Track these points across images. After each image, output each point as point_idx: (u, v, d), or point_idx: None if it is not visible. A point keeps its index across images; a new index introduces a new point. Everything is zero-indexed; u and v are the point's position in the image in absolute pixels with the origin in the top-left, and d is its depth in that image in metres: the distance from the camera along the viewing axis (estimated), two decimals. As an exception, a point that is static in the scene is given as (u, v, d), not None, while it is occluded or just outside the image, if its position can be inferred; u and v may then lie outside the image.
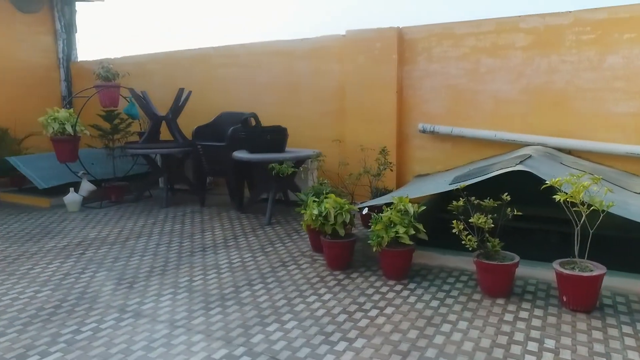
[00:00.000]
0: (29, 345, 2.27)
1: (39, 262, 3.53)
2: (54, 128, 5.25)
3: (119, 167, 6.05)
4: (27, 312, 2.65)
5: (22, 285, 3.08)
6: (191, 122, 5.71)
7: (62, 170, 5.66)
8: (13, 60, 7.43)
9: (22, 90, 7.48)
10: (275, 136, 4.82)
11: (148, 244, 3.99)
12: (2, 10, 7.25)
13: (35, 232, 4.41)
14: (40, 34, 7.83)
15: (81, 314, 2.63)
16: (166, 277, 3.20)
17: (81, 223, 4.77)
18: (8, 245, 3.98)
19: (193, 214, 5.16)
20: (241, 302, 2.75)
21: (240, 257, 3.60)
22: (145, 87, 6.02)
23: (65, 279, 3.19)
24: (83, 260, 3.57)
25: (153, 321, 2.51)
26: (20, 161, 5.86)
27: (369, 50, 5.11)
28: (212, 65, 6.46)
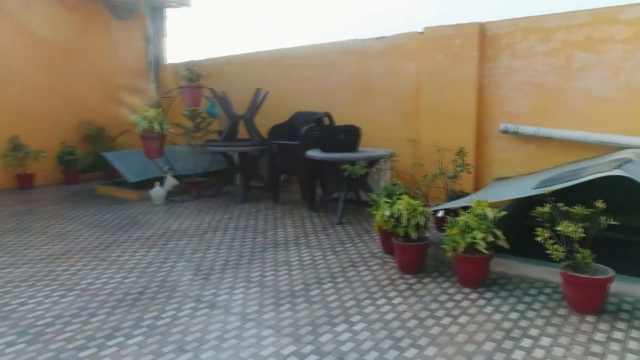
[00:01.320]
0: (115, 327, 2.45)
1: (127, 250, 3.81)
2: (143, 126, 5.64)
3: (199, 164, 6.37)
4: (115, 296, 2.86)
5: (112, 270, 3.33)
6: (267, 121, 5.86)
7: (149, 166, 6.07)
8: (110, 64, 8.12)
9: (118, 91, 8.14)
10: (348, 136, 4.80)
11: (224, 238, 4.15)
12: (102, 18, 7.95)
13: (125, 223, 4.77)
14: (134, 39, 8.47)
15: (161, 301, 2.78)
16: (239, 270, 3.30)
17: (164, 215, 5.08)
18: (102, 234, 4.34)
19: (266, 210, 5.30)
20: (310, 300, 2.76)
21: (310, 255, 3.63)
22: (225, 88, 6.29)
23: (148, 267, 3.40)
24: (165, 251, 3.79)
25: (226, 313, 2.60)
26: (114, 157, 6.38)
27: (447, 47, 4.92)
28: (287, 65, 6.59)
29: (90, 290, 2.97)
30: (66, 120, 7.53)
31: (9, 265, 3.46)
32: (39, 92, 7.24)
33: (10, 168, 6.88)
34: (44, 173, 7.22)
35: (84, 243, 4.02)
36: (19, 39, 6.98)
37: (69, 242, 4.07)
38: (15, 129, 6.94)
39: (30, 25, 7.07)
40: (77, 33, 7.64)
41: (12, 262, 3.52)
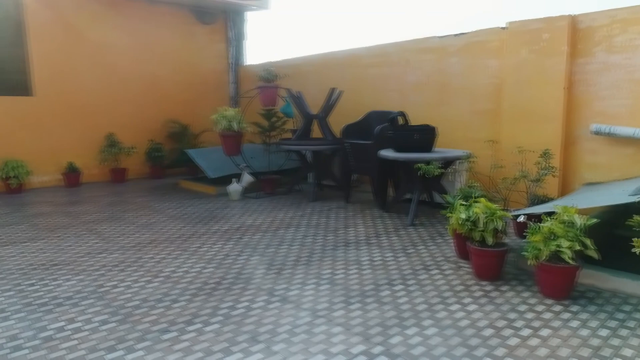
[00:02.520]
0: (194, 314, 2.59)
1: (206, 242, 4.02)
2: (222, 125, 5.91)
3: (274, 162, 6.55)
4: (195, 285, 3.03)
5: (192, 261, 3.53)
6: (341, 120, 5.89)
7: (227, 163, 6.36)
8: (194, 66, 8.61)
9: (200, 91, 8.63)
10: (423, 135, 4.68)
11: (296, 235, 4.24)
12: (187, 23, 8.45)
13: (204, 216, 5.03)
14: (216, 42, 8.91)
15: (237, 292, 2.90)
16: (311, 267, 3.35)
17: (240, 211, 5.30)
18: (183, 226, 4.62)
19: (338, 209, 5.33)
20: (381, 301, 2.73)
21: (381, 256, 3.59)
22: (301, 88, 6.41)
23: (225, 259, 3.56)
24: (240, 244, 3.95)
25: (297, 308, 2.65)
26: (196, 153, 6.76)
27: (533, 42, 4.64)
28: (362, 65, 6.58)
29: (172, 277, 3.17)
30: (154, 119, 8.11)
31: (104, 250, 3.79)
32: (132, 93, 7.86)
33: (106, 163, 7.55)
34: (134, 168, 7.83)
35: (167, 234, 4.31)
36: (119, 44, 7.63)
37: (155, 232, 4.37)
38: (111, 127, 7.60)
39: (127, 31, 7.70)
40: (165, 37, 8.19)
41: (106, 248, 3.86)
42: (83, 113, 7.37)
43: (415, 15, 10.12)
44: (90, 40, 7.36)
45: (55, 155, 7.10)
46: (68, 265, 3.44)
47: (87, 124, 7.41)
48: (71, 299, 2.80)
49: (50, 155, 7.06)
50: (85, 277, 3.17)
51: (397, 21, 10.40)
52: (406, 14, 10.16)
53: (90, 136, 7.44)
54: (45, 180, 7.07)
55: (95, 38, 7.41)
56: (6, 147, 6.64)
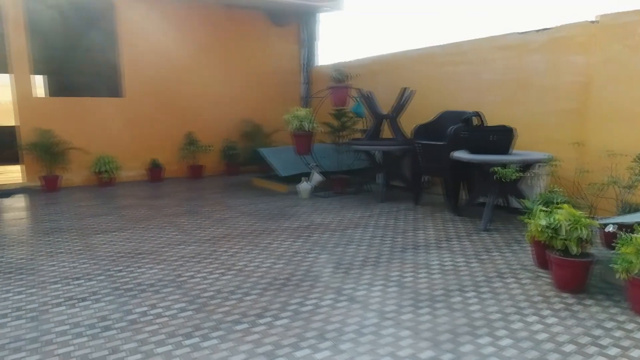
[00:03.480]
0: (265, 308, 2.68)
1: (276, 239, 4.13)
2: (294, 125, 6.04)
3: (343, 162, 6.58)
4: (265, 280, 3.13)
5: (263, 256, 3.65)
6: (412, 120, 5.79)
7: (298, 162, 6.49)
8: (267, 68, 8.88)
9: (273, 92, 8.88)
10: (500, 136, 4.47)
11: (364, 235, 4.23)
12: (262, 25, 8.73)
13: (275, 213, 5.17)
14: (289, 43, 9.12)
15: (305, 289, 2.96)
16: (379, 268, 3.33)
17: (310, 209, 5.38)
18: (255, 222, 4.78)
19: (407, 211, 5.24)
20: (451, 307, 2.65)
21: (452, 261, 3.48)
22: (372, 88, 6.38)
23: (294, 256, 3.64)
24: (309, 242, 4.02)
25: (365, 308, 2.65)
26: (268, 152, 6.97)
27: (627, 36, 4.26)
28: (435, 63, 6.41)
29: (245, 271, 3.29)
30: (229, 118, 8.47)
31: (182, 242, 4.03)
32: (209, 94, 8.27)
33: (185, 160, 8.01)
34: (210, 165, 8.24)
35: (240, 229, 4.48)
36: (198, 48, 8.07)
37: (229, 227, 4.57)
38: (190, 126, 8.05)
39: (205, 36, 8.12)
40: (241, 40, 8.52)
41: (184, 240, 4.09)
42: (166, 113, 7.89)
43: (492, 11, 9.68)
44: (172, 45, 7.85)
45: (141, 152, 7.66)
46: (151, 254, 3.69)
47: (169, 124, 7.91)
48: (153, 286, 3.01)
49: (136, 152, 7.63)
50: (166, 267, 3.39)
51: (472, 18, 10.01)
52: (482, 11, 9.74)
53: (171, 135, 7.93)
54: (131, 175, 7.65)
55: (177, 43, 7.88)
56: (100, 144, 7.27)
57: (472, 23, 10.18)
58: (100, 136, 7.32)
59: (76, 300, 2.80)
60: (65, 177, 7.05)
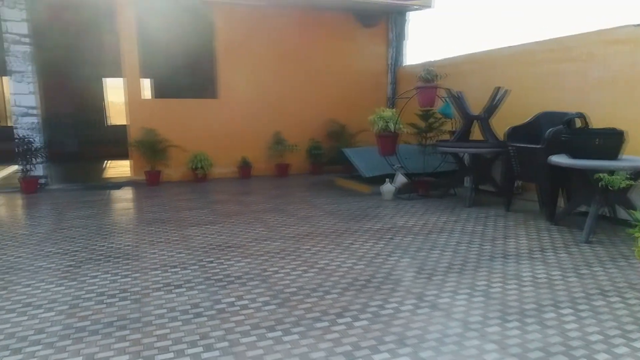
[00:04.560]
0: (345, 308, 2.69)
1: (358, 240, 4.13)
2: (379, 125, 6.00)
3: (429, 163, 6.40)
4: (346, 280, 3.15)
5: (344, 256, 3.67)
6: (505, 122, 5.46)
7: (382, 163, 6.44)
8: (354, 68, 8.91)
9: (358, 92, 8.90)
10: (607, 140, 4.06)
11: (448, 241, 4.08)
12: (349, 27, 8.78)
13: (357, 214, 5.18)
14: (376, 44, 9.07)
15: (385, 292, 2.93)
16: (464, 276, 3.19)
17: (392, 211, 5.31)
18: (338, 221, 4.83)
19: (496, 217, 4.97)
20: (543, 324, 2.47)
21: (546, 273, 3.24)
22: (462, 87, 6.13)
23: (375, 258, 3.62)
24: (391, 245, 3.97)
25: (447, 317, 2.56)
26: (352, 152, 7.00)
27: None
28: (533, 61, 5.99)
29: (326, 270, 3.34)
30: (315, 118, 8.64)
31: (268, 238, 4.19)
32: (296, 95, 8.51)
33: (272, 158, 8.32)
34: (296, 164, 8.47)
35: (323, 228, 4.55)
36: (287, 50, 8.34)
37: (312, 225, 4.66)
38: (278, 125, 8.35)
39: (294, 38, 8.36)
40: (328, 41, 8.65)
41: (270, 237, 4.25)
42: (256, 113, 8.25)
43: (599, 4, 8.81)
44: (263, 48, 8.19)
45: (232, 150, 8.10)
46: (239, 248, 3.89)
47: (258, 123, 8.27)
48: (240, 279, 3.17)
49: (228, 150, 8.07)
50: (252, 261, 3.55)
51: (574, 12, 9.20)
52: (588, 4, 8.91)
53: (260, 134, 8.28)
54: (223, 171, 8.11)
55: (267, 46, 8.21)
56: (196, 142, 7.80)
57: (574, 17, 9.36)
58: (196, 135, 7.86)
59: (172, 286, 3.04)
60: (166, 173, 7.67)
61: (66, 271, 3.35)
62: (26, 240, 4.21)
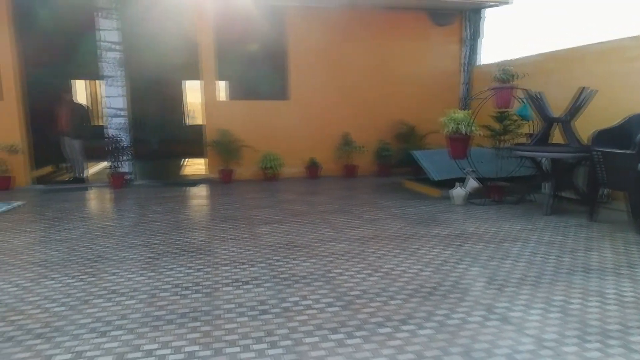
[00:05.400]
0: (409, 314, 2.65)
1: (425, 245, 4.04)
2: (450, 127, 5.81)
3: (504, 168, 6.10)
4: (411, 286, 3.10)
5: (410, 261, 3.61)
6: (588, 125, 5.07)
7: (452, 166, 6.24)
8: (426, 68, 8.72)
9: (429, 93, 8.69)
10: None
11: (523, 251, 3.86)
12: (422, 26, 8.60)
13: (425, 218, 5.07)
14: (449, 42, 8.80)
15: (453, 301, 2.84)
16: (539, 289, 3.01)
17: (462, 216, 5.13)
18: (404, 225, 4.75)
19: (578, 227, 4.62)
20: (629, 347, 2.26)
21: (635, 292, 2.96)
22: (542, 88, 5.78)
23: (443, 265, 3.52)
24: (460, 252, 3.83)
25: (519, 332, 2.43)
26: (421, 155, 6.85)
27: None
28: (624, 59, 5.50)
29: (391, 275, 3.30)
30: (384, 119, 8.57)
31: (333, 239, 4.23)
32: (366, 96, 8.48)
33: (341, 159, 8.37)
34: (364, 165, 8.45)
35: (389, 231, 4.50)
36: (357, 51, 8.34)
37: (377, 228, 4.63)
38: (346, 127, 8.38)
39: (365, 39, 8.34)
40: (400, 42, 8.53)
41: (335, 238, 4.28)
42: (324, 114, 8.34)
43: None
44: (333, 50, 8.25)
45: (302, 151, 8.25)
46: (305, 248, 3.96)
47: (327, 124, 8.36)
48: (305, 279, 3.23)
49: (297, 150, 8.23)
50: (317, 261, 3.60)
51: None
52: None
53: (329, 135, 8.36)
54: (292, 171, 8.29)
55: (337, 47, 8.26)
56: (267, 143, 8.04)
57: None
58: (267, 135, 8.10)
59: (241, 283, 3.16)
60: (238, 171, 7.99)
61: (147, 262, 3.60)
62: (113, 231, 4.59)
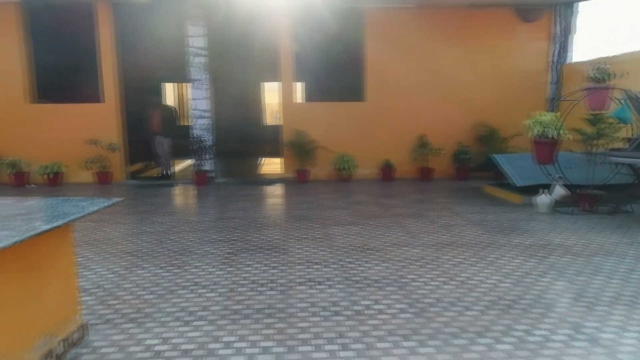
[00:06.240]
0: (486, 327, 2.54)
1: (504, 255, 3.85)
2: (536, 131, 5.47)
3: (598, 175, 5.63)
4: (489, 297, 2.97)
5: (488, 271, 3.46)
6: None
7: (537, 171, 5.86)
8: (510, 67, 8.27)
9: (512, 94, 8.24)
10: None
11: (618, 266, 3.54)
12: (507, 22, 8.17)
13: (505, 226, 4.82)
14: (537, 39, 8.28)
15: (534, 317, 2.68)
16: (635, 311, 2.75)
17: (548, 226, 4.81)
18: (483, 233, 4.56)
19: (685, 243, 4.15)
20: None
21: None
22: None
23: (524, 277, 3.33)
24: (544, 264, 3.60)
25: (611, 355, 2.24)
26: (503, 159, 6.52)
27: None
28: None
29: (467, 284, 3.19)
30: (463, 122, 8.26)
31: (407, 244, 4.16)
32: (444, 96, 8.24)
33: (416, 162, 8.21)
34: (440, 168, 8.22)
35: (466, 238, 4.34)
36: (436, 52, 8.13)
37: (454, 234, 4.49)
38: (423, 128, 8.20)
39: (445, 39, 8.10)
40: (482, 40, 8.17)
41: (409, 242, 4.22)
42: (400, 116, 8.23)
43: None
44: (412, 50, 8.11)
45: (376, 152, 8.20)
46: (378, 251, 3.94)
47: (403, 126, 8.23)
48: (378, 283, 3.21)
49: (372, 152, 8.20)
50: (390, 266, 3.57)
51: None
52: None
53: (404, 137, 8.23)
54: (366, 173, 8.27)
55: (416, 48, 8.11)
56: (342, 144, 8.10)
57: None
58: (342, 137, 8.16)
59: (314, 282, 3.22)
60: (313, 172, 8.13)
61: (226, 257, 3.80)
62: (197, 226, 4.89)
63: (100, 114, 7.89)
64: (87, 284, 3.20)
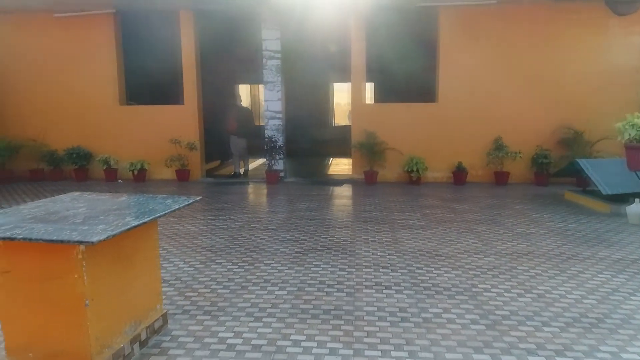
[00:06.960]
0: (566, 345, 2.39)
1: (589, 269, 3.58)
2: (629, 134, 5.03)
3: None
4: (570, 313, 2.78)
5: (570, 285, 3.24)
6: None
7: (629, 179, 5.39)
8: (599, 65, 7.65)
9: (602, 94, 7.61)
10: None
11: None
12: (596, 16, 7.55)
13: (591, 237, 4.47)
14: (631, 34, 7.59)
15: (623, 338, 2.47)
16: None
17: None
18: (564, 243, 4.27)
19: None
20: None
21: None
22: None
23: (612, 294, 3.07)
24: (635, 281, 3.30)
25: None
26: (589, 164, 6.04)
27: None
28: None
29: (545, 297, 3.01)
30: (544, 124, 7.77)
31: (480, 252, 4.00)
32: (522, 97, 7.79)
33: (491, 165, 7.85)
34: (517, 172, 7.79)
35: (545, 249, 4.09)
36: (518, 50, 7.72)
37: (532, 244, 4.25)
38: (498, 130, 7.82)
39: (528, 36, 7.67)
40: (569, 37, 7.63)
41: (482, 250, 4.06)
42: (475, 117, 7.90)
43: None
44: (486, 48, 7.76)
45: (448, 155, 7.96)
46: (448, 258, 3.83)
47: (477, 128, 7.90)
48: (448, 291, 3.13)
49: (443, 154, 7.97)
50: (462, 274, 3.45)
51: None
52: None
53: (478, 139, 7.90)
54: (437, 176, 8.05)
55: (493, 47, 7.75)
56: (412, 146, 7.95)
57: None
58: (413, 138, 8.01)
59: (382, 287, 3.21)
60: (381, 173, 8.06)
61: (296, 257, 3.88)
62: (268, 224, 5.04)
63: (181, 115, 8.39)
64: (167, 276, 3.43)
